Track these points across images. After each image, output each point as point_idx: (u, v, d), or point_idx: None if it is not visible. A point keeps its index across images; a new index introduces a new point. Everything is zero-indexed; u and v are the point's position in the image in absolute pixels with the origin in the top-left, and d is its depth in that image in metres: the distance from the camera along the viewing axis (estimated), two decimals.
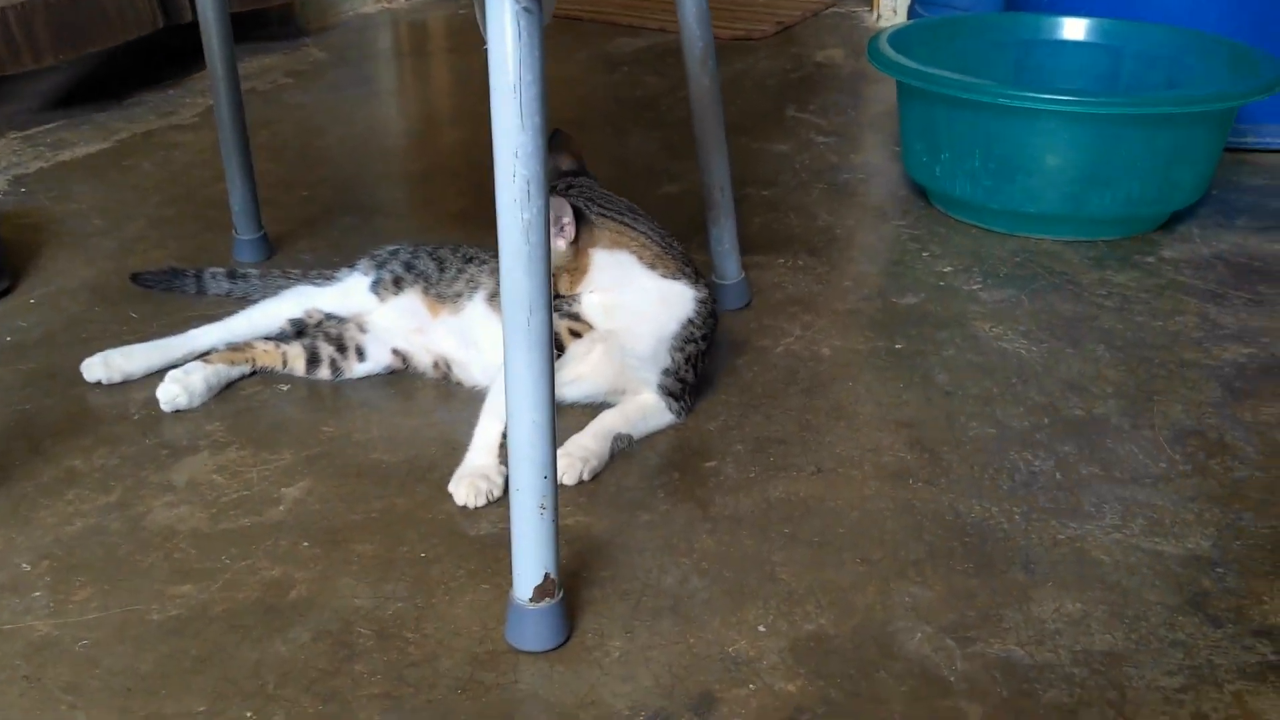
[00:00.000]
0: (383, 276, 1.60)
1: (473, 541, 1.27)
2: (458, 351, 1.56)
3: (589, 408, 1.49)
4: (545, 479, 1.06)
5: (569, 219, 1.41)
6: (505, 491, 1.32)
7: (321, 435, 1.48)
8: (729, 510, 1.33)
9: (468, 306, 1.55)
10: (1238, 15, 2.27)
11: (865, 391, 1.57)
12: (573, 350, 1.46)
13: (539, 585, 1.10)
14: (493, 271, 1.56)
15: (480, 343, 1.52)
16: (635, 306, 1.45)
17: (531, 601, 1.10)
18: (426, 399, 1.56)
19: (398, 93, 3.10)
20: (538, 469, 1.05)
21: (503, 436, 1.33)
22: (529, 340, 1.02)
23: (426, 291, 1.58)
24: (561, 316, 1.46)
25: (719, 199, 1.69)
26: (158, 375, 1.54)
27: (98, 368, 1.58)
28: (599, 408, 1.49)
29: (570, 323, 1.45)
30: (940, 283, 1.88)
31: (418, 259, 1.61)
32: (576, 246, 1.43)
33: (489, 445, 1.37)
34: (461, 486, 1.33)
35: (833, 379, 1.60)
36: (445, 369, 1.58)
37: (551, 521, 1.08)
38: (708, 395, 1.55)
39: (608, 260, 1.45)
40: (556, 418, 1.06)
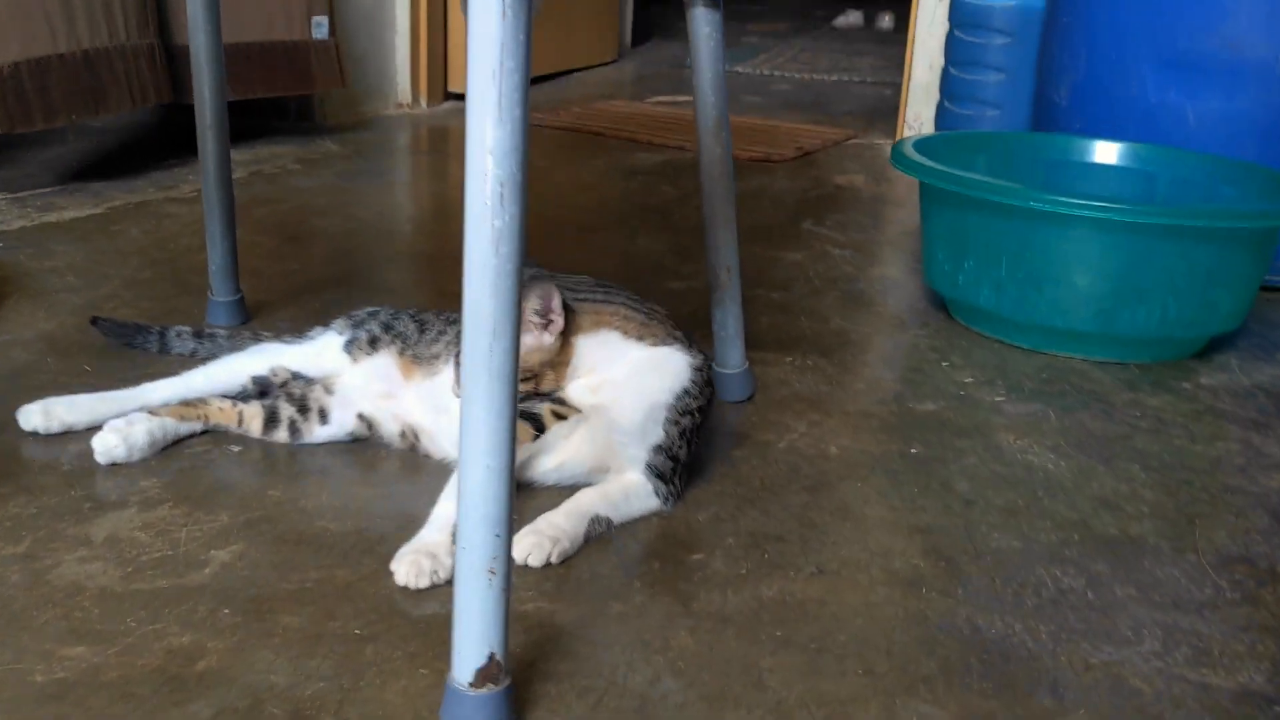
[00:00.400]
0: (358, 336, 1.47)
1: (415, 622, 1.11)
2: (427, 419, 1.41)
3: (570, 489, 1.34)
4: (497, 537, 0.91)
5: (557, 309, 1.29)
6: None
7: (266, 499, 1.32)
8: (714, 608, 1.16)
9: (444, 371, 1.41)
10: (1275, 143, 2.17)
11: (876, 494, 1.42)
12: (553, 432, 1.31)
13: (482, 668, 0.93)
14: None
15: (452, 409, 1.38)
16: (623, 378, 1.31)
17: (472, 686, 0.93)
18: (389, 470, 1.41)
19: (409, 185, 3.03)
20: (489, 524, 0.90)
21: None
22: (489, 371, 0.88)
23: (402, 353, 1.44)
24: (544, 400, 1.32)
25: (725, 280, 1.56)
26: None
27: (36, 416, 1.43)
28: (578, 488, 1.33)
29: (553, 405, 1.31)
30: (960, 392, 1.74)
31: (398, 320, 1.48)
32: (563, 338, 1.30)
33: (445, 522, 1.22)
34: (404, 564, 1.17)
35: (840, 479, 1.45)
36: (413, 438, 1.43)
37: (502, 591, 0.92)
38: (699, 484, 1.40)
39: (592, 344, 1.32)
40: (515, 472, 0.91)
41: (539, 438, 1.30)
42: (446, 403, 1.38)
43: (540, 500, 1.31)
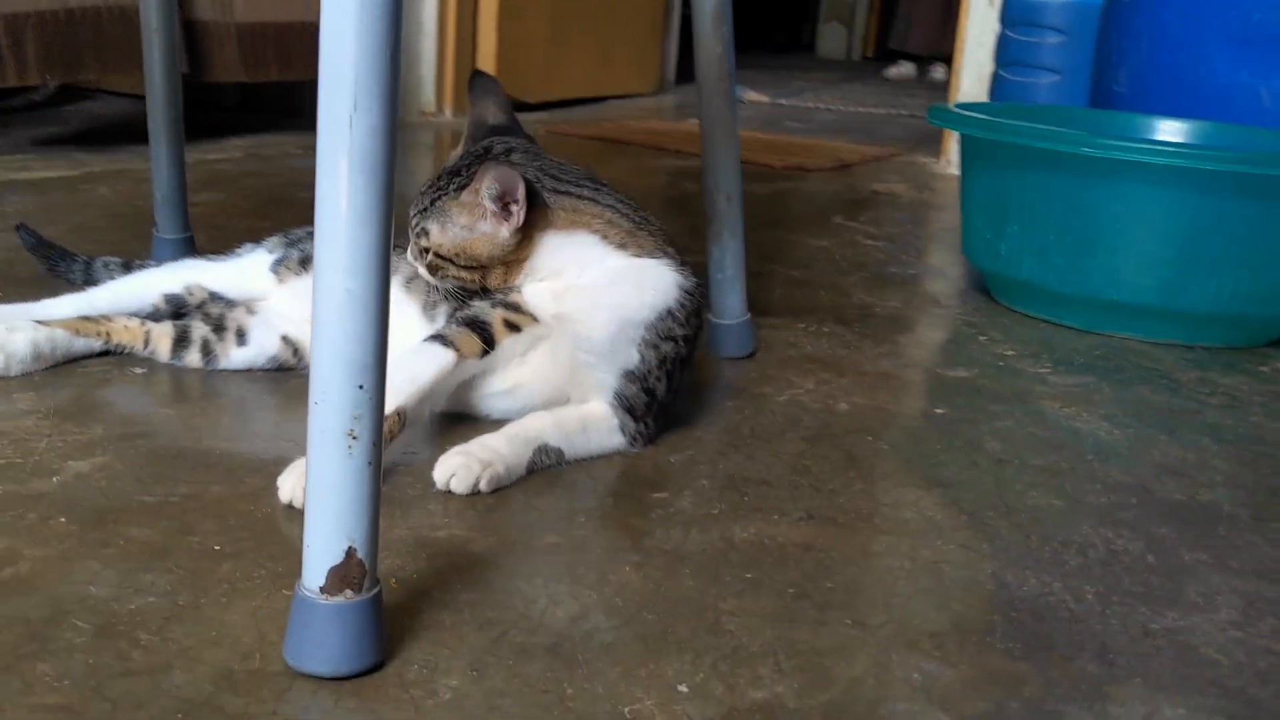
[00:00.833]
0: (289, 255, 1.27)
1: (292, 541, 0.89)
2: None
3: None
4: (361, 389, 0.68)
5: (520, 200, 1.07)
6: None
7: (154, 417, 1.11)
8: (670, 545, 0.93)
9: None
10: None
11: (888, 449, 1.18)
12: (506, 348, 1.09)
13: (337, 567, 0.70)
14: (411, 274, 1.22)
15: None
16: (594, 286, 1.09)
17: (324, 591, 0.71)
18: None
19: (410, 175, 2.85)
20: (350, 370, 0.68)
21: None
22: (351, 153, 0.66)
23: None
24: (495, 305, 1.10)
25: (723, 209, 1.34)
26: None
27: None
28: None
29: (506, 312, 1.10)
30: (999, 363, 1.50)
31: None
32: (521, 232, 1.09)
33: None
34: (291, 477, 0.95)
35: (847, 431, 1.21)
36: None
37: (367, 464, 0.70)
38: (678, 430, 1.17)
39: (560, 244, 1.11)
40: (386, 300, 0.69)
41: (487, 353, 1.08)
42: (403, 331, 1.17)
43: (486, 433, 1.09)
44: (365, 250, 0.66)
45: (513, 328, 1.09)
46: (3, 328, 1.18)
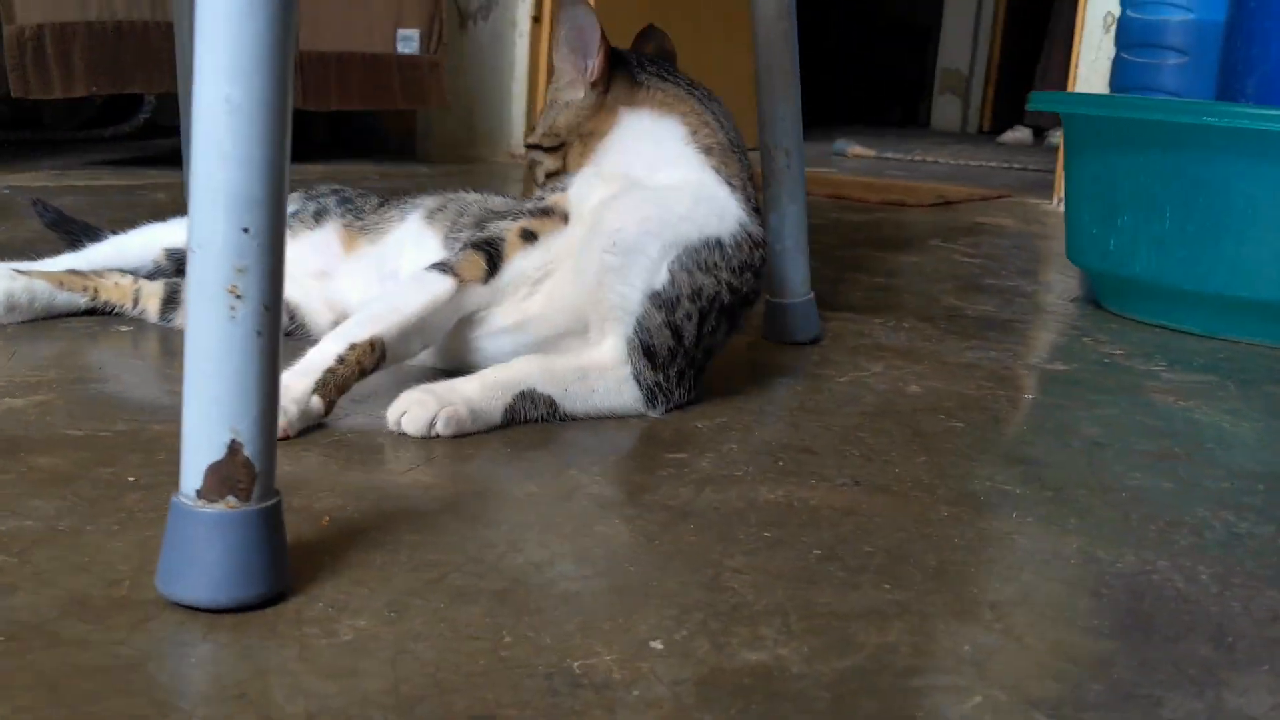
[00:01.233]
0: (304, 209, 1.15)
1: None
2: (366, 294, 1.05)
3: None
4: (246, 233, 0.54)
5: (595, 49, 0.97)
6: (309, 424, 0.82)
7: (119, 367, 0.99)
8: (676, 501, 0.76)
9: (395, 230, 1.08)
10: None
11: (963, 427, 1.00)
12: (515, 267, 0.94)
13: (217, 464, 0.56)
14: (443, 201, 1.10)
15: (401, 269, 1.04)
16: (646, 198, 0.94)
17: (201, 497, 0.56)
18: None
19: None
20: (231, 206, 0.54)
21: (341, 358, 0.84)
22: None
23: (349, 226, 1.11)
24: (519, 216, 0.97)
25: (781, 167, 1.19)
26: None
27: None
28: None
29: (529, 221, 0.96)
30: (1105, 360, 1.30)
31: (361, 197, 1.16)
32: (605, 98, 0.98)
33: (309, 365, 0.87)
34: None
35: (915, 410, 1.03)
36: None
37: (255, 333, 0.55)
38: (712, 400, 1.01)
39: (642, 126, 0.99)
40: (285, 106, 0.55)
41: (491, 277, 0.94)
42: (394, 265, 1.04)
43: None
44: (251, 46, 0.52)
45: (529, 238, 0.95)
46: None
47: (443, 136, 3.25)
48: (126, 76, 2.23)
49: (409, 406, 0.84)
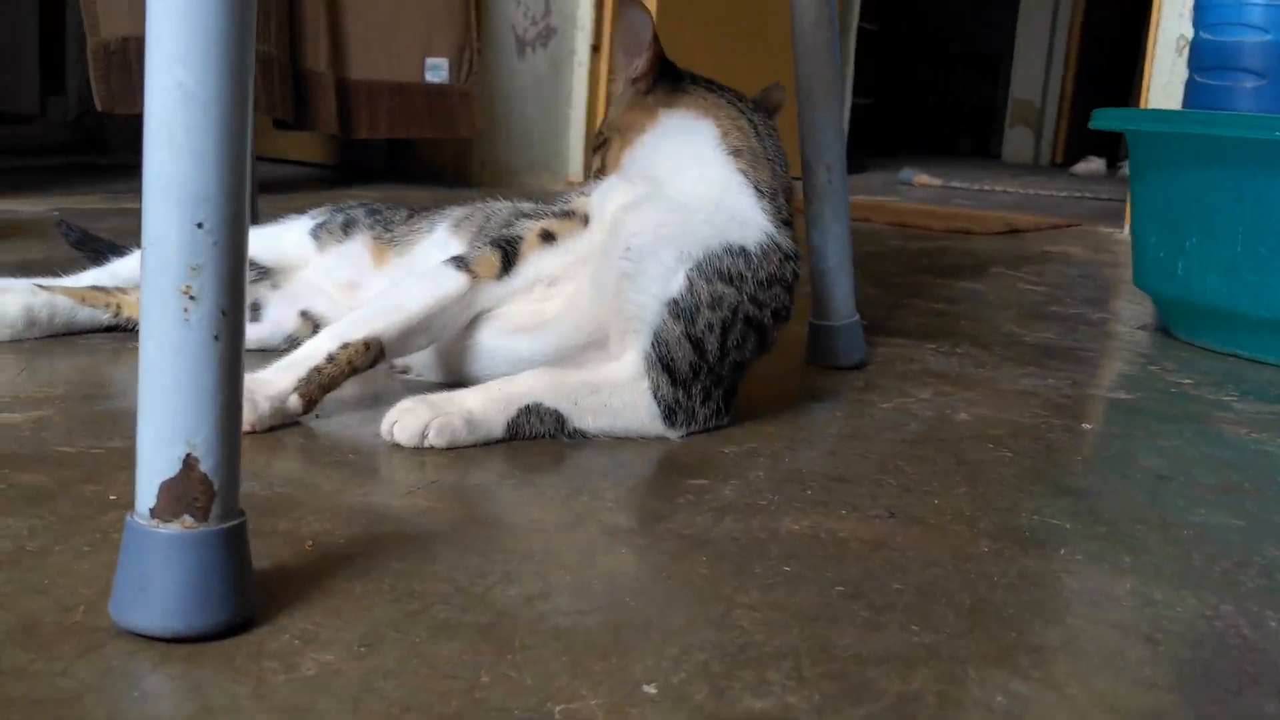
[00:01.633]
0: (332, 220, 1.12)
1: None
2: None
3: None
4: (200, 229, 0.50)
5: (646, 47, 0.96)
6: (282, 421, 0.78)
7: (134, 384, 0.96)
8: (691, 530, 0.71)
9: (422, 241, 1.05)
10: None
11: (1013, 456, 0.93)
12: (531, 264, 0.91)
13: (171, 481, 0.51)
14: (471, 210, 1.06)
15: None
16: (666, 203, 0.90)
17: (155, 516, 0.52)
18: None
19: None
20: (183, 199, 0.50)
21: (331, 356, 0.80)
22: None
23: (379, 238, 1.08)
24: (540, 217, 0.94)
25: (823, 184, 1.13)
26: None
27: None
28: None
29: (550, 222, 0.92)
30: (1171, 389, 1.23)
31: (391, 209, 1.13)
32: (646, 98, 0.97)
33: (295, 360, 0.84)
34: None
35: (961, 438, 0.97)
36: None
37: (213, 338, 0.51)
38: (742, 424, 0.95)
39: (676, 126, 0.96)
40: (244, 96, 0.51)
41: (505, 275, 0.90)
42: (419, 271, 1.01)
43: None
44: (205, 28, 0.48)
45: (548, 238, 0.91)
46: None
47: (499, 164, 3.24)
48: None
49: (400, 415, 0.81)
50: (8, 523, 0.65)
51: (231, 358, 0.51)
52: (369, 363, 0.86)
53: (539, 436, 0.85)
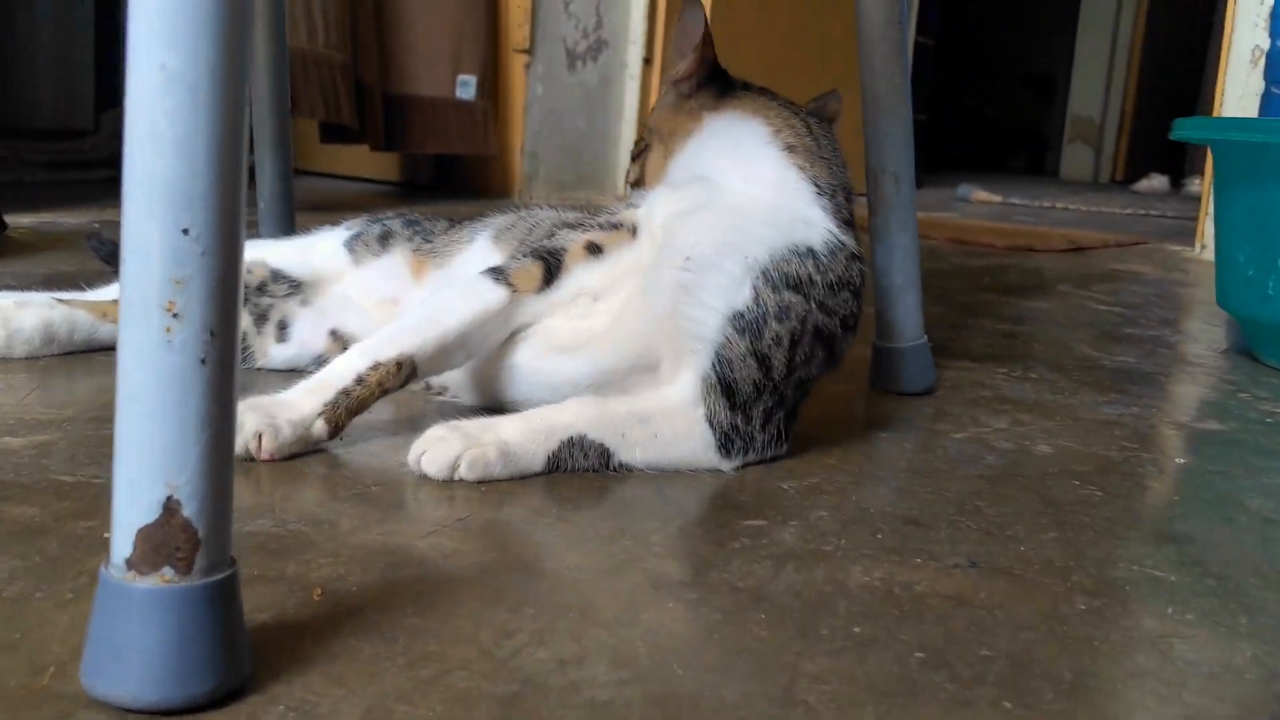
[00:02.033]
0: (368, 231, 1.06)
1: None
2: None
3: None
4: (186, 235, 0.43)
5: (695, 47, 0.91)
6: (311, 444, 0.71)
7: None
8: (749, 581, 0.63)
9: (462, 253, 0.98)
10: None
11: (1103, 495, 0.84)
12: (575, 277, 0.84)
13: (149, 528, 0.44)
14: (514, 220, 1.00)
15: None
16: (722, 207, 0.83)
17: (131, 567, 0.45)
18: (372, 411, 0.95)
19: None
20: (167, 200, 0.43)
21: (360, 378, 0.73)
22: None
23: (418, 250, 1.02)
24: (586, 229, 0.87)
25: (889, 194, 1.05)
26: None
27: None
28: None
29: (595, 234, 0.86)
30: (1267, 419, 1.13)
31: (432, 221, 1.07)
32: (689, 101, 0.92)
33: (323, 382, 0.77)
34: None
35: (1045, 474, 0.88)
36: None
37: (199, 362, 0.44)
38: (802, 454, 0.87)
39: (723, 127, 0.90)
40: (239, 83, 0.44)
41: (547, 288, 0.83)
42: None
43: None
44: (192, 3, 0.41)
45: (594, 250, 0.84)
46: (11, 302, 1.01)
47: (548, 178, 3.18)
48: (303, 103, 2.22)
49: (430, 445, 0.74)
50: None
51: (221, 386, 0.44)
52: (400, 383, 0.79)
53: (581, 470, 0.77)
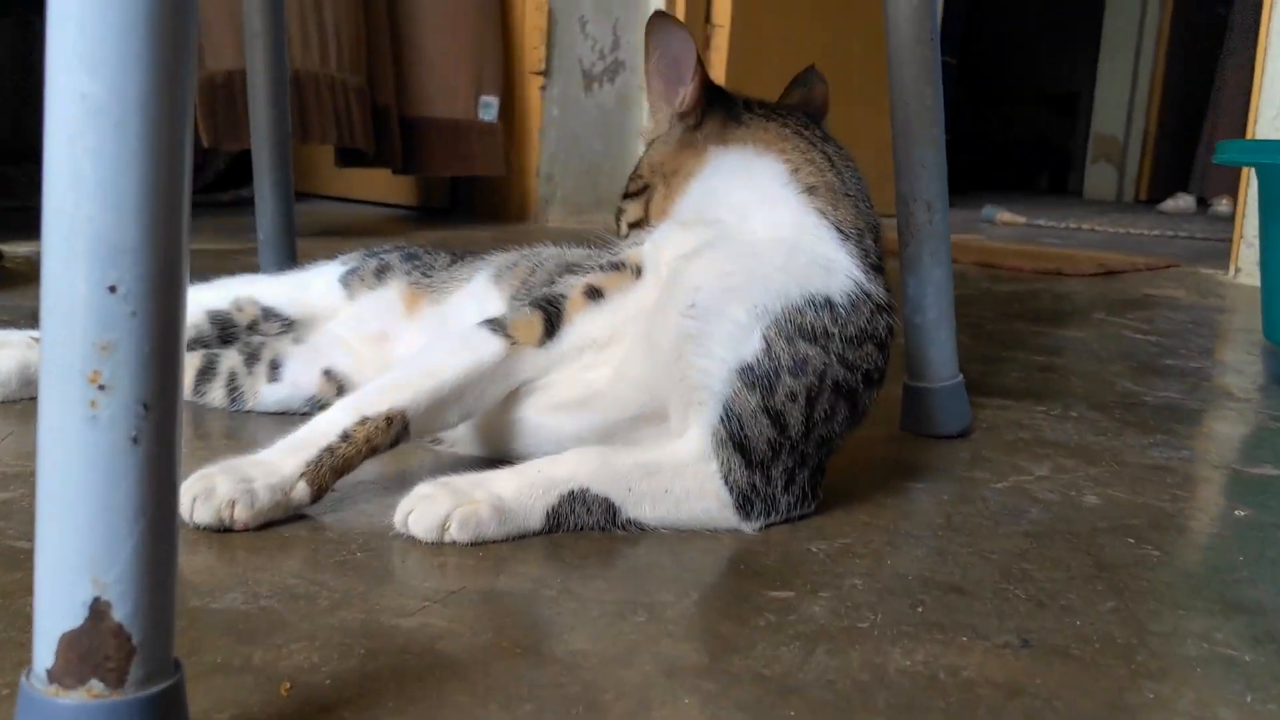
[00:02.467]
0: (364, 265, 1.00)
1: (192, 612, 0.57)
2: None
3: None
4: (113, 293, 0.37)
5: (691, 75, 0.83)
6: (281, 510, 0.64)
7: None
8: (776, 668, 0.56)
9: (459, 290, 0.92)
10: None
11: (1162, 555, 0.77)
12: (578, 327, 0.78)
13: (73, 634, 0.38)
14: (517, 258, 0.94)
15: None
16: (732, 248, 0.77)
17: (53, 681, 0.38)
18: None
19: None
20: (91, 253, 0.37)
21: (346, 434, 0.67)
22: None
23: (416, 285, 0.96)
24: (588, 271, 0.80)
25: (921, 224, 0.99)
26: None
27: None
28: None
29: (597, 276, 0.79)
30: None
31: (430, 254, 1.01)
32: (694, 134, 0.84)
33: (305, 440, 0.71)
34: (188, 490, 0.68)
35: (1095, 531, 0.81)
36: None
37: (130, 441, 0.38)
38: (831, 511, 0.80)
39: (735, 165, 0.82)
40: (181, 114, 0.37)
41: (548, 340, 0.77)
42: (454, 326, 0.88)
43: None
44: (119, 18, 0.35)
45: (595, 295, 0.78)
46: None
47: (565, 201, 3.12)
48: (314, 129, 2.17)
49: (417, 504, 0.67)
50: None
51: (158, 467, 0.38)
52: (391, 441, 0.73)
53: (585, 528, 0.71)
